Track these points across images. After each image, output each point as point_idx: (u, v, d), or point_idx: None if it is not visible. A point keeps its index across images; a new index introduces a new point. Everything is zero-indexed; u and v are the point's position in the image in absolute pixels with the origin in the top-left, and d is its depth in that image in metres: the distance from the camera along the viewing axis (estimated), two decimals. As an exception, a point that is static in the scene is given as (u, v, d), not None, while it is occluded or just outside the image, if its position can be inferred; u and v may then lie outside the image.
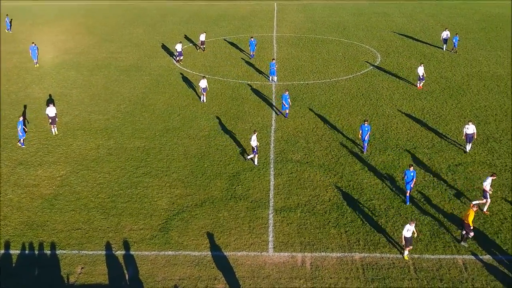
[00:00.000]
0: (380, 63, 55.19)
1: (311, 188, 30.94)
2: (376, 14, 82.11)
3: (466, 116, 40.82)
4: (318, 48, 61.51)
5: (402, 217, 28.03)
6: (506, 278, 23.60)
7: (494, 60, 55.75)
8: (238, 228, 27.21)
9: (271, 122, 40.28)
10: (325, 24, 74.69)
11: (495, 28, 71.68)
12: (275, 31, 70.68)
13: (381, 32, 69.58)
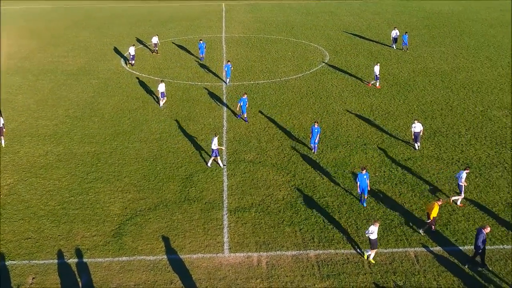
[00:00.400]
0: (329, 61, 55.86)
1: (265, 187, 31.07)
2: (323, 13, 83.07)
3: (414, 112, 41.76)
4: (267, 47, 61.81)
5: (355, 212, 28.45)
6: (456, 268, 24.24)
7: (438, 56, 57.20)
8: (193, 230, 27.08)
9: (223, 123, 40.25)
10: (274, 24, 75.12)
11: (438, 25, 73.55)
12: (224, 31, 70.65)
13: (329, 31, 70.44)
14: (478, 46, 61.37)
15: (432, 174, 32.41)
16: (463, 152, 35.07)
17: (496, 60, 55.80)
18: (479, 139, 37.04)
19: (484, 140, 36.88)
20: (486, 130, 38.48)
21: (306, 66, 54.12)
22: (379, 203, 29.35)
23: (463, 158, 34.22)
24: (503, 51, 59.07)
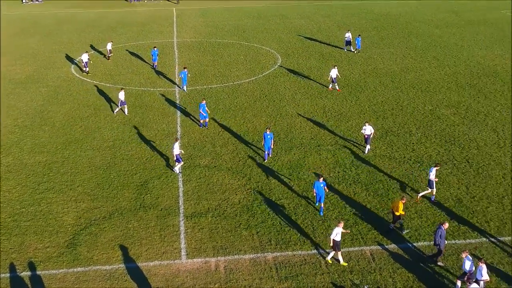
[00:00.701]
0: (281, 64, 56.24)
1: (221, 192, 31.04)
2: (274, 17, 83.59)
3: (366, 112, 42.45)
4: (219, 52, 61.80)
5: (311, 214, 28.70)
6: (411, 264, 24.74)
7: (387, 57, 58.31)
8: (149, 237, 26.82)
9: (177, 128, 40.02)
10: (225, 28, 75.17)
11: (387, 27, 74.98)
12: (175, 36, 70.27)
13: (280, 34, 70.92)
14: (425, 47, 62.84)
15: (385, 173, 33.00)
16: (414, 151, 35.84)
17: (443, 60, 57.26)
18: (429, 137, 37.93)
19: (434, 138, 37.79)
20: (436, 128, 39.43)
21: (258, 70, 54.34)
22: (334, 204, 29.69)
23: (415, 157, 34.97)
24: (449, 51, 60.66)
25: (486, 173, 32.86)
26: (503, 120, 40.69)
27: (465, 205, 29.47)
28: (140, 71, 54.29)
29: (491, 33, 69.59)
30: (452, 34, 69.52)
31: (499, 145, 36.61)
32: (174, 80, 50.99)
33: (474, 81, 50.13)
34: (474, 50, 61.18)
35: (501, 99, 45.10)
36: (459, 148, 36.23)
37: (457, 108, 43.23)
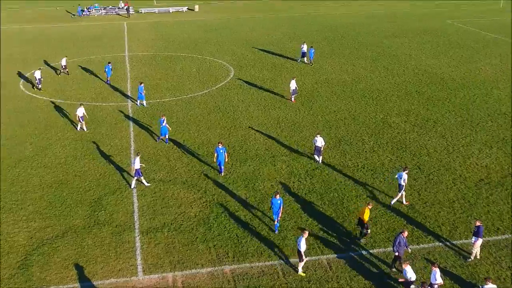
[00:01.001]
0: (234, 76, 56.39)
1: (176, 206, 30.80)
2: (225, 29, 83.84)
3: (319, 122, 42.92)
4: (172, 65, 61.54)
5: (267, 225, 28.75)
6: (367, 271, 25.04)
7: (339, 68, 59.19)
8: (104, 255, 26.35)
9: (130, 143, 39.58)
10: (177, 41, 74.94)
11: (337, 37, 76.15)
12: (126, 50, 69.64)
13: (232, 46, 71.14)
14: (375, 57, 64.08)
15: (340, 181, 33.39)
16: (367, 159, 36.40)
17: (392, 69, 58.49)
18: (381, 145, 38.60)
19: (386, 145, 38.48)
20: (387, 136, 40.17)
21: (211, 82, 54.34)
22: (290, 214, 29.82)
23: (368, 165, 35.51)
24: (398, 60, 62.03)
25: (436, 178, 33.62)
26: (451, 126, 41.78)
27: (418, 210, 30.06)
28: (91, 86, 53.54)
29: (437, 42, 71.54)
30: (400, 44, 71.14)
31: (448, 151, 37.54)
32: (126, 95, 50.47)
33: (423, 89, 51.37)
34: (421, 59, 62.74)
35: (448, 106, 46.33)
36: (411, 155, 36.98)
37: (407, 116, 44.17)
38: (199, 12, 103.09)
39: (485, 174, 34.11)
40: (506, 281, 24.05)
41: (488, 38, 73.82)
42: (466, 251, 26.28)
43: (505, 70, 57.55)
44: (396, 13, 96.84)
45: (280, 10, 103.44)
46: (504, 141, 38.98)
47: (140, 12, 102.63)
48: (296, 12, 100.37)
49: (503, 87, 51.44)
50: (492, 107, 46.08)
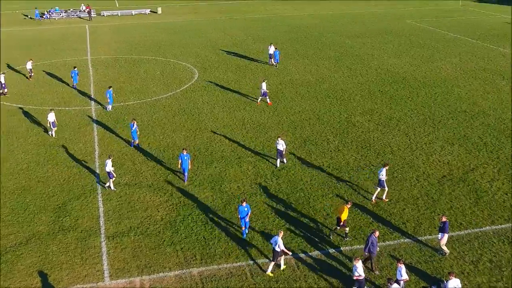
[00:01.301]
0: (198, 78, 56.24)
1: (142, 209, 30.56)
2: (190, 31, 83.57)
3: (284, 123, 43.12)
4: (135, 68, 61.04)
5: (234, 226, 28.75)
6: (335, 270, 25.26)
7: (303, 68, 59.57)
8: (70, 261, 25.98)
9: (94, 147, 39.13)
10: (140, 44, 74.37)
11: (301, 38, 76.64)
12: (89, 53, 68.82)
13: (196, 48, 70.95)
14: (338, 57, 64.70)
15: (306, 181, 33.61)
16: (332, 158, 36.72)
17: (356, 69, 59.15)
18: (346, 144, 38.99)
19: (351, 144, 38.88)
20: (352, 135, 40.59)
21: (176, 85, 54.10)
22: (257, 215, 29.88)
23: (333, 164, 35.83)
24: (360, 60, 62.76)
25: (401, 176, 34.12)
26: (414, 125, 42.45)
27: (383, 208, 30.46)
28: (53, 90, 52.73)
29: (399, 42, 72.63)
30: (362, 44, 71.98)
31: (411, 148, 38.14)
32: (90, 98, 49.87)
33: (386, 88, 52.09)
34: (383, 58, 63.60)
35: (411, 105, 47.07)
36: (375, 153, 37.44)
37: (371, 115, 44.72)
38: (162, 14, 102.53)
39: (447, 171, 34.76)
40: (469, 275, 24.54)
41: (448, 37, 75.25)
42: (431, 247, 26.72)
43: (464, 68, 58.75)
44: (359, 14, 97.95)
45: (245, 12, 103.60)
46: (465, 138, 39.79)
47: (102, 15, 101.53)
48: (261, 13, 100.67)
49: (463, 85, 52.50)
50: (453, 105, 46.99)
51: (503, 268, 25.02)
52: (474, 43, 71.62)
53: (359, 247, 26.79)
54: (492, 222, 28.78)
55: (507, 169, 34.79)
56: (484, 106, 46.42)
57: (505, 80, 53.94)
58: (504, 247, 26.59)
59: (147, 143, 39.49)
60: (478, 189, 32.37)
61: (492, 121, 42.91)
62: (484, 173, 34.36)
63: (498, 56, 64.15)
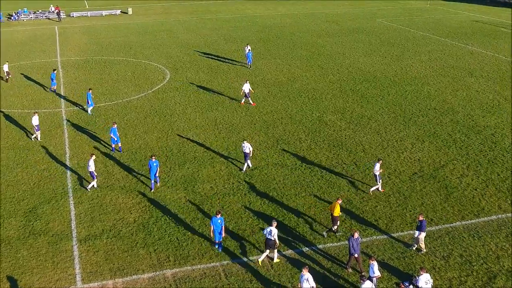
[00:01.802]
0: (170, 79, 55.99)
1: (115, 212, 30.30)
2: (161, 32, 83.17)
3: (256, 122, 43.16)
4: (106, 69, 60.51)
5: (208, 227, 28.65)
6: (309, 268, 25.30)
7: (274, 68, 59.71)
8: (41, 266, 25.63)
9: (65, 150, 38.67)
10: (111, 45, 73.76)
11: (272, 38, 76.85)
12: (59, 55, 68.02)
13: (167, 49, 70.64)
14: (309, 56, 65.02)
15: (279, 180, 33.69)
16: (304, 157, 36.87)
17: (327, 68, 59.51)
18: (318, 143, 39.19)
19: (323, 143, 39.09)
20: (324, 134, 40.81)
21: (147, 86, 53.77)
22: (230, 215, 29.86)
23: (306, 163, 35.98)
24: (332, 59, 63.16)
25: (372, 173, 34.39)
26: (385, 123, 42.87)
27: (355, 205, 30.68)
28: (22, 93, 51.98)
29: (369, 41, 73.29)
30: (334, 43, 72.44)
31: (383, 146, 38.50)
32: (59, 101, 49.28)
33: (357, 86, 52.50)
34: (355, 57, 64.10)
35: (382, 103, 47.52)
36: (347, 151, 37.71)
37: (343, 114, 45.02)
38: (132, 15, 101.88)
39: (418, 168, 35.17)
40: (441, 270, 24.87)
41: (417, 36, 76.17)
42: (403, 242, 27.00)
43: (434, 66, 59.52)
44: (331, 14, 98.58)
45: (216, 12, 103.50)
46: (435, 135, 40.32)
47: (72, 16, 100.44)
48: (233, 14, 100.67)
49: (433, 83, 53.18)
50: (423, 102, 47.57)
51: (473, 262, 25.41)
52: (443, 41, 72.64)
53: (332, 245, 26.96)
54: (462, 218, 29.21)
55: (475, 165, 35.35)
56: (453, 103, 47.11)
57: (473, 78, 54.81)
58: (474, 242, 27.01)
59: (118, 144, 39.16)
60: (448, 185, 32.83)
61: (461, 118, 43.56)
62: (454, 169, 34.86)
63: (466, 54, 65.15)
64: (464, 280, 24.19)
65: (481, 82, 53.27)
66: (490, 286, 23.78)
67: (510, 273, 24.60)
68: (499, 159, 36.11)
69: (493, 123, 42.51)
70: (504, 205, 30.47)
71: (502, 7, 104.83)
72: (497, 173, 34.17)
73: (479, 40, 72.76)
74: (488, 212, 29.74)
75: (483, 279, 24.25)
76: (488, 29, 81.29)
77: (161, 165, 35.48)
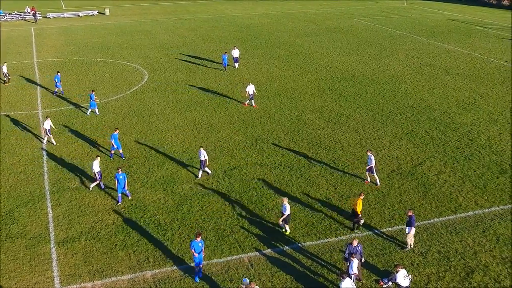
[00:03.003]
0: (148, 80, 55.72)
1: (93, 213, 30.06)
2: (139, 33, 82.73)
3: (235, 122, 43.14)
4: (83, 71, 60.01)
5: (187, 227, 28.60)
6: (288, 267, 25.41)
7: (253, 67, 59.72)
8: (18, 269, 25.33)
9: (42, 152, 38.26)
10: (88, 46, 73.18)
11: (250, 38, 76.87)
12: (35, 57, 67.30)
13: (145, 49, 70.28)
14: (288, 56, 65.16)
15: (258, 180, 33.69)
16: (283, 156, 36.94)
17: (305, 67, 59.69)
18: (297, 142, 39.28)
19: (302, 142, 39.20)
20: (302, 133, 40.93)
21: (125, 86, 53.44)
22: (210, 215, 29.80)
23: (284, 162, 36.04)
24: (310, 58, 63.37)
25: (351, 172, 34.60)
26: (363, 121, 43.12)
27: (335, 204, 30.81)
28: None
29: (347, 40, 73.67)
30: (312, 42, 72.69)
31: (361, 144, 38.73)
32: (35, 103, 48.77)
33: (335, 85, 52.74)
34: (332, 56, 64.40)
35: (360, 101, 47.80)
36: (326, 150, 37.85)
37: (321, 112, 45.19)
38: (110, 15, 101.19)
39: (396, 165, 35.44)
40: (419, 266, 25.08)
41: (394, 35, 76.76)
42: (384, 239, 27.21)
43: (411, 65, 60.03)
44: (309, 13, 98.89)
45: (194, 12, 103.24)
46: (413, 132, 40.66)
47: (48, 17, 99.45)
48: (211, 14, 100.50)
49: (410, 81, 53.64)
50: (400, 100, 47.94)
51: (451, 258, 25.67)
52: (419, 40, 73.29)
53: (311, 243, 27.04)
54: (439, 214, 29.50)
55: (452, 162, 35.73)
56: (430, 101, 47.55)
57: (450, 76, 55.37)
58: (451, 238, 27.30)
59: (97, 146, 38.86)
60: (426, 182, 33.14)
61: (438, 116, 44.00)
62: (431, 166, 35.20)
63: (442, 52, 65.81)
64: (442, 276, 24.43)
65: (457, 80, 53.87)
66: (468, 281, 24.06)
67: (487, 268, 24.92)
68: (475, 156, 36.55)
69: (469, 120, 43.01)
70: (480, 201, 30.85)
71: (477, 5, 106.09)
72: (473, 170, 34.58)
73: (455, 39, 73.57)
74: (465, 208, 30.08)
75: (461, 274, 24.52)
76: (463, 27, 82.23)
77: (140, 166, 35.34)
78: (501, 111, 44.98)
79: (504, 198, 31.11)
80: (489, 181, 33.18)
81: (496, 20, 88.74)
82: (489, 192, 31.87)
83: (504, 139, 39.28)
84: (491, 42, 71.34)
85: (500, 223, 28.57)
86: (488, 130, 40.90)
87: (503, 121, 42.74)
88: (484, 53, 65.09)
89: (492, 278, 24.25)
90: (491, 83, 52.70)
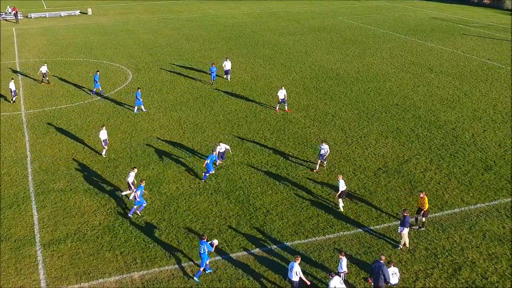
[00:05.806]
0: (132, 79, 55.36)
1: (79, 215, 29.78)
2: (122, 32, 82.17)
3: (221, 122, 43.00)
4: (67, 71, 59.46)
5: (174, 227, 28.45)
6: (277, 265, 25.37)
7: (237, 67, 59.58)
8: (3, 272, 25.02)
9: (26, 153, 37.84)
10: (71, 46, 72.52)
11: (234, 37, 76.73)
12: (17, 57, 66.55)
13: (129, 49, 69.82)
14: (272, 55, 65.13)
15: (245, 179, 33.62)
16: (270, 155, 36.89)
17: (290, 66, 59.70)
18: (283, 141, 39.26)
19: (288, 141, 39.18)
20: (289, 131, 40.91)
21: (109, 86, 53.03)
22: (197, 215, 29.67)
23: (271, 161, 36.00)
24: (295, 57, 63.39)
25: (338, 170, 34.63)
26: (348, 119, 43.22)
27: (322, 203, 30.83)
28: (-20, 96, 50.72)
29: (331, 39, 73.83)
30: (296, 41, 72.72)
31: (347, 142, 38.81)
32: (18, 103, 48.21)
33: (320, 84, 52.81)
34: (317, 55, 64.48)
35: (345, 100, 47.91)
36: (312, 149, 37.86)
37: (307, 111, 45.21)
38: (92, 15, 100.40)
39: (382, 163, 35.56)
40: (407, 264, 25.19)
41: (378, 33, 77.06)
42: (372, 236, 27.27)
43: (395, 63, 60.30)
44: (293, 12, 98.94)
45: (178, 11, 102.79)
46: (398, 130, 40.83)
47: (30, 17, 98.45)
48: (194, 13, 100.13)
49: (394, 80, 53.88)
50: (385, 99, 48.13)
51: (438, 255, 25.80)
52: (403, 38, 73.67)
53: (299, 242, 27.02)
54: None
55: (438, 159, 35.93)
56: (415, 99, 47.80)
57: (433, 73, 55.71)
58: (438, 235, 27.44)
59: (81, 147, 38.54)
60: (412, 179, 33.29)
61: (423, 113, 44.23)
62: (417, 164, 35.37)
63: (426, 50, 66.20)
64: (430, 273, 24.55)
65: (441, 78, 54.22)
66: (456, 277, 24.20)
67: (475, 264, 25.08)
68: (460, 153, 36.79)
69: (454, 117, 43.29)
70: (466, 197, 31.06)
71: (458, 4, 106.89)
72: (458, 167, 34.81)
73: (437, 37, 74.04)
74: (452, 205, 30.27)
75: (448, 271, 24.66)
76: (445, 25, 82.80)
77: (126, 166, 35.10)
78: (484, 108, 45.36)
79: (489, 195, 31.35)
80: (474, 178, 33.42)
81: (477, 18, 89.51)
82: (475, 188, 32.10)
83: (488, 136, 39.60)
84: (473, 40, 71.94)
85: (486, 220, 28.79)
86: (472, 127, 41.22)
87: (487, 118, 43.10)
88: (467, 51, 65.59)
89: (479, 274, 24.42)
90: (474, 81, 53.12)
